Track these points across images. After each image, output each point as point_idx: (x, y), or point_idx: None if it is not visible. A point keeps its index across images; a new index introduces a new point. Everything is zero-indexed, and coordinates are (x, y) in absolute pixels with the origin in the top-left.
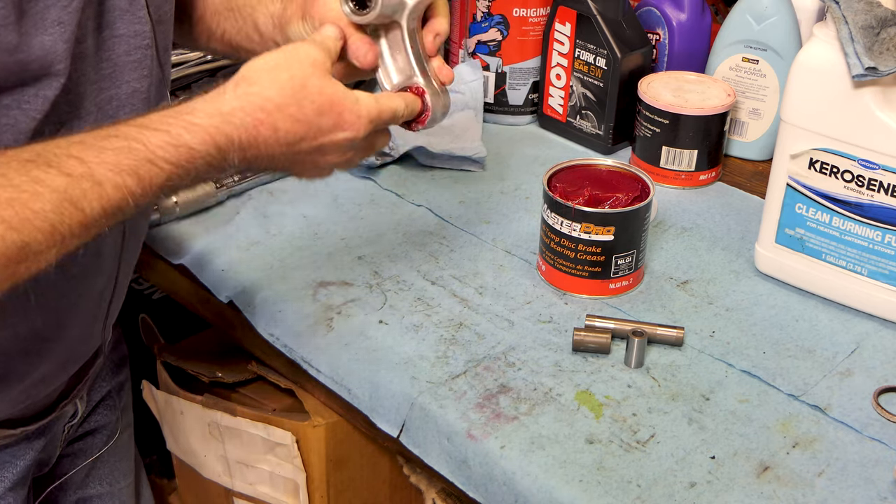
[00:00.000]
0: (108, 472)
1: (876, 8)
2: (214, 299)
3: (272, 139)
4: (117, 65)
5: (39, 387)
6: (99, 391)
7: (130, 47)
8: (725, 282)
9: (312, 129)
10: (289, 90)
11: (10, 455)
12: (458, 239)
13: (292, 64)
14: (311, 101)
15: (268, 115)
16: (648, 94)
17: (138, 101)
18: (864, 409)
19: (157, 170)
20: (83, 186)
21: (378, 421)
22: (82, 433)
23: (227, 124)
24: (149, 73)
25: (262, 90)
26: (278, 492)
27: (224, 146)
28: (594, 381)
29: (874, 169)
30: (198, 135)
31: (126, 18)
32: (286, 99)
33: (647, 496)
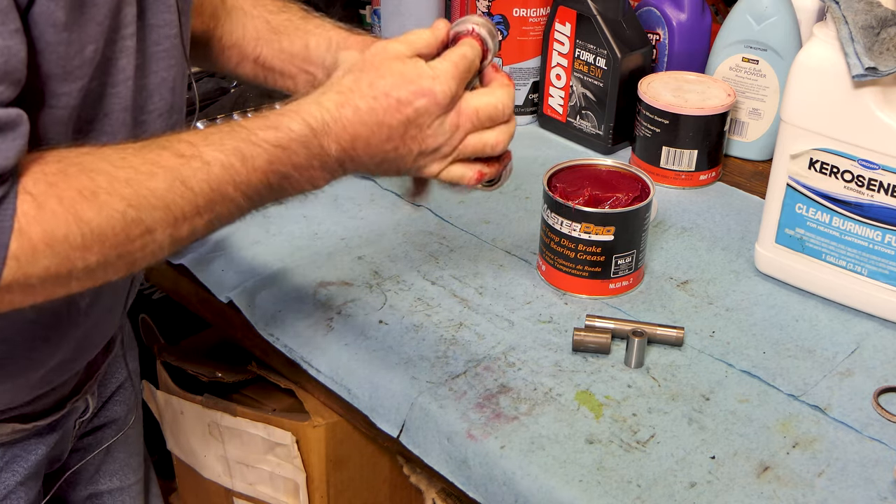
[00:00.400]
0: (118, 468)
1: (876, 8)
2: (214, 299)
3: (356, 119)
4: (147, 55)
5: (56, 375)
6: (110, 386)
7: (160, 36)
8: (725, 282)
9: (391, 102)
10: (363, 76)
11: (22, 450)
12: (458, 239)
13: (372, 55)
14: (383, 77)
15: (346, 97)
16: (648, 94)
17: (165, 91)
18: (864, 409)
19: (259, 149)
20: (193, 165)
21: (378, 421)
22: (93, 428)
23: (315, 106)
24: (176, 62)
25: (338, 79)
26: (278, 492)
27: (317, 129)
28: (594, 381)
29: (874, 169)
30: (293, 117)
31: (157, 7)
32: (361, 83)
33: (647, 496)
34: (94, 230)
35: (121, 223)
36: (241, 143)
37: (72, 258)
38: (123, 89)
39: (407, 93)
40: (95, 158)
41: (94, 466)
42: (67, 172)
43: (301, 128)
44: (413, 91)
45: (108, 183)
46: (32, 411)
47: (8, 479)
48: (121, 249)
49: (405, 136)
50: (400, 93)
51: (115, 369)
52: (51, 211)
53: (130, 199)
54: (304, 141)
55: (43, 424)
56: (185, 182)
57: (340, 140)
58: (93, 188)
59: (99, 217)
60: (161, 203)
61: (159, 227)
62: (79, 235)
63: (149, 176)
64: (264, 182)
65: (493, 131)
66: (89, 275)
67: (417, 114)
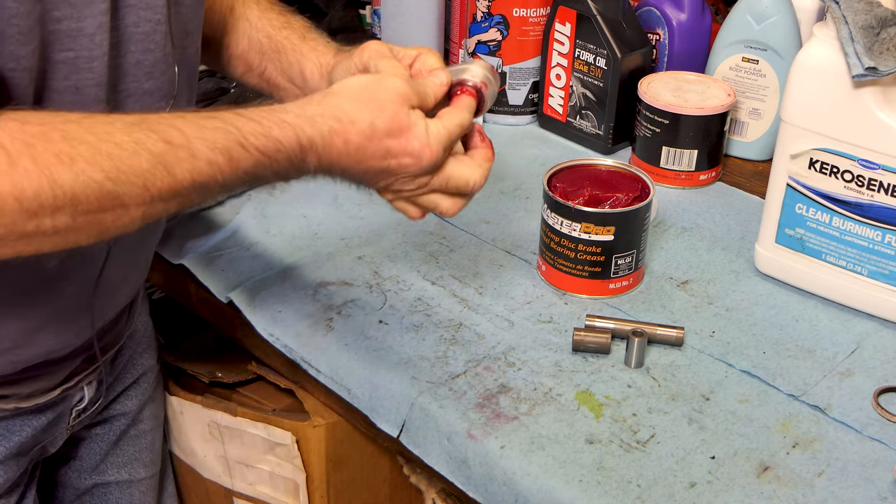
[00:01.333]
0: (126, 461)
1: (876, 8)
2: (214, 299)
3: (343, 150)
4: (124, 34)
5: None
6: (126, 378)
7: (140, 18)
8: (725, 282)
9: (381, 150)
10: (366, 109)
11: (4, 429)
12: (458, 239)
13: (378, 88)
14: (384, 122)
15: (342, 126)
16: (648, 94)
17: (141, 74)
18: (864, 409)
19: (247, 154)
20: (179, 155)
21: (378, 421)
22: (101, 419)
23: (309, 126)
24: (157, 47)
25: (342, 103)
26: (278, 492)
27: (305, 146)
28: (594, 381)
29: (874, 169)
30: (285, 131)
31: None
32: (362, 116)
33: (647, 496)
34: (67, 193)
35: (96, 192)
36: (231, 145)
37: (40, 216)
38: (98, 65)
39: (398, 147)
40: (80, 128)
41: (100, 456)
42: (49, 136)
43: (291, 143)
44: (404, 148)
45: (90, 154)
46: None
47: None
48: (92, 217)
49: (378, 176)
50: (391, 144)
51: (132, 364)
52: (23, 168)
53: (109, 172)
54: (290, 155)
55: (25, 406)
56: (168, 168)
57: (321, 160)
58: (72, 154)
59: (74, 182)
60: (140, 181)
61: (133, 204)
62: (50, 195)
63: (132, 154)
64: (243, 180)
65: (450, 199)
66: (59, 236)
67: (399, 167)
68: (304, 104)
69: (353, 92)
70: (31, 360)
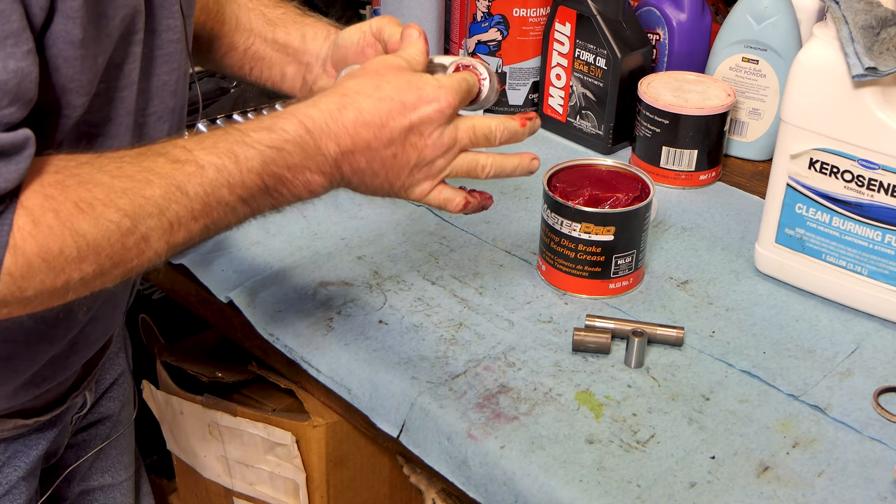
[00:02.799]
0: (110, 465)
1: (876, 8)
2: (214, 299)
3: (359, 120)
4: (150, 59)
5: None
6: (105, 382)
7: (163, 41)
8: (725, 282)
9: (396, 105)
10: (366, 80)
11: (23, 445)
12: (458, 239)
13: (369, 66)
14: (389, 81)
15: (350, 99)
16: (648, 94)
17: (167, 94)
18: (864, 409)
19: (253, 151)
20: (187, 170)
21: (378, 421)
22: (87, 424)
23: (314, 108)
24: (178, 66)
25: (342, 83)
26: (278, 492)
27: (313, 129)
28: (594, 381)
29: (874, 169)
30: (288, 118)
31: (162, 13)
32: (365, 86)
33: (647, 496)
34: (90, 242)
35: (116, 234)
36: (234, 145)
37: (67, 271)
38: (128, 94)
39: (414, 97)
40: (93, 169)
41: (88, 463)
42: (65, 184)
43: (296, 129)
44: (419, 97)
45: (105, 194)
46: (33, 406)
47: (10, 475)
48: (117, 259)
49: (406, 142)
50: (406, 96)
51: (111, 365)
52: (47, 226)
53: (126, 209)
54: (299, 142)
55: (44, 420)
56: (180, 187)
57: (340, 141)
58: (90, 199)
59: (95, 229)
60: (156, 210)
61: (154, 235)
62: (74, 249)
63: (145, 184)
64: (259, 184)
65: (486, 155)
66: (85, 285)
67: (421, 120)
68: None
69: (348, 75)
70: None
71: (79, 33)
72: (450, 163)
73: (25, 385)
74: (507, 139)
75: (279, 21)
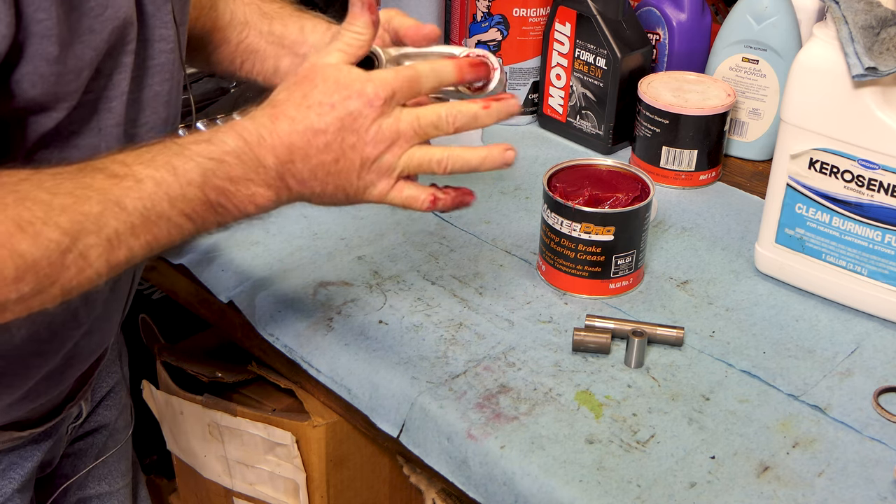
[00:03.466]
0: (107, 473)
1: (876, 8)
2: (214, 299)
3: (292, 130)
4: (142, 69)
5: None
6: (100, 390)
7: (156, 51)
8: (725, 282)
9: (325, 108)
10: (295, 89)
11: (18, 457)
12: (458, 239)
13: (301, 71)
14: (316, 86)
15: (280, 109)
16: (648, 94)
17: (159, 105)
18: (864, 409)
19: (192, 163)
20: (125, 185)
21: (378, 421)
22: (83, 433)
23: (249, 121)
24: (171, 76)
25: (273, 95)
26: (278, 492)
27: (251, 141)
28: (594, 381)
29: (874, 169)
30: (226, 131)
31: (155, 24)
32: (294, 94)
33: (647, 496)
34: (28, 262)
35: (56, 252)
36: (172, 157)
37: (4, 291)
38: (117, 104)
39: (339, 97)
40: (32, 185)
41: (84, 471)
42: (4, 202)
43: (235, 141)
44: (345, 95)
45: (44, 212)
46: (28, 418)
47: (5, 487)
48: (55, 277)
49: (343, 143)
50: (332, 97)
51: (107, 374)
52: None
53: (65, 227)
54: (238, 153)
55: (39, 431)
56: (118, 202)
57: (276, 152)
58: (29, 218)
59: (34, 248)
60: (95, 226)
61: (94, 252)
62: (12, 268)
63: (83, 200)
64: (201, 197)
65: (442, 148)
66: (23, 304)
67: (350, 116)
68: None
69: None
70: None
71: (54, 51)
72: (399, 157)
73: (20, 400)
74: (464, 125)
75: (276, 14)
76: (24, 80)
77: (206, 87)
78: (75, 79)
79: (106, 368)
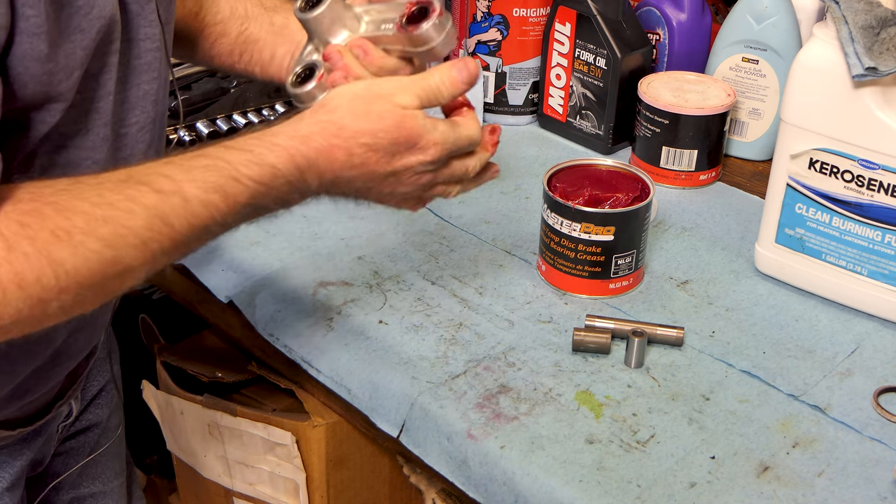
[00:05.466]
0: (100, 471)
1: (876, 8)
2: (214, 299)
3: (347, 163)
4: (129, 68)
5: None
6: (92, 389)
7: (142, 50)
8: (725, 282)
9: (386, 156)
10: (364, 120)
11: (8, 455)
12: (458, 239)
13: (373, 97)
14: (387, 132)
15: (343, 140)
16: (648, 94)
17: (148, 103)
18: (864, 409)
19: (242, 187)
20: (172, 202)
21: (378, 421)
22: (75, 431)
23: (305, 146)
24: (158, 74)
25: (338, 118)
26: (278, 492)
27: (303, 166)
28: (594, 381)
29: (874, 169)
30: (280, 155)
31: (139, 22)
32: (361, 127)
33: (647, 496)
34: (69, 271)
35: (97, 263)
36: (223, 181)
37: (45, 300)
38: (105, 104)
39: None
40: (72, 196)
41: (77, 470)
42: (42, 212)
43: (287, 167)
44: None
45: (85, 223)
46: (17, 417)
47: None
48: (97, 288)
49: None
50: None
51: (98, 373)
52: (22, 252)
53: (107, 239)
54: (289, 178)
55: (28, 430)
56: (164, 219)
57: (323, 177)
58: (68, 228)
59: (74, 258)
60: (139, 241)
61: (137, 264)
62: (52, 277)
63: (127, 214)
64: (243, 214)
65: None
66: (64, 312)
67: (405, 167)
68: (296, 123)
69: (349, 105)
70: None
71: (44, 48)
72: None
73: (7, 398)
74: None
75: (276, 8)
76: (17, 80)
77: (206, 87)
78: (66, 78)
79: (96, 367)
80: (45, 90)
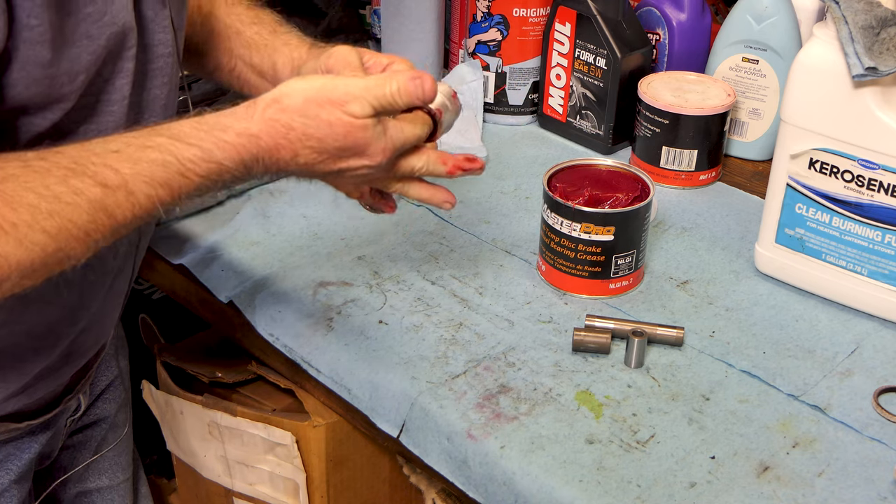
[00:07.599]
0: (107, 467)
1: (876, 8)
2: (214, 299)
3: (292, 162)
4: (142, 73)
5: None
6: (100, 383)
7: (155, 55)
8: (725, 282)
9: (332, 159)
10: (313, 126)
11: (16, 448)
12: (458, 239)
13: (325, 102)
14: (335, 139)
15: (290, 142)
16: (648, 94)
17: (158, 107)
18: (864, 409)
19: (188, 181)
20: (117, 197)
21: (378, 421)
22: (82, 425)
23: (252, 144)
24: (169, 79)
25: (288, 119)
26: (278, 492)
27: (249, 163)
28: (594, 381)
29: (874, 169)
30: (228, 152)
31: (154, 28)
32: (310, 132)
33: (647, 496)
34: (13, 263)
35: (41, 255)
36: (170, 176)
37: None
38: (118, 108)
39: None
40: (18, 186)
41: (84, 464)
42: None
43: (235, 163)
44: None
45: (31, 216)
46: (26, 410)
47: (2, 478)
48: (37, 276)
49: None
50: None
51: (106, 368)
52: None
53: (52, 232)
54: (234, 174)
55: (36, 423)
56: (108, 212)
57: (269, 169)
58: (14, 220)
59: (18, 251)
60: (82, 233)
61: (78, 253)
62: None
63: (72, 207)
64: (186, 199)
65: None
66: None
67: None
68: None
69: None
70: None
71: (47, 55)
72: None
73: (16, 394)
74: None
75: (252, 44)
76: (18, 83)
77: (205, 88)
78: (69, 82)
79: (105, 362)
80: (46, 92)
